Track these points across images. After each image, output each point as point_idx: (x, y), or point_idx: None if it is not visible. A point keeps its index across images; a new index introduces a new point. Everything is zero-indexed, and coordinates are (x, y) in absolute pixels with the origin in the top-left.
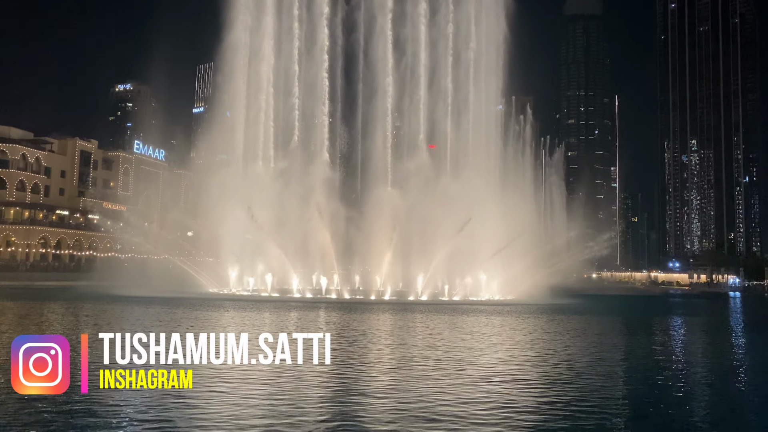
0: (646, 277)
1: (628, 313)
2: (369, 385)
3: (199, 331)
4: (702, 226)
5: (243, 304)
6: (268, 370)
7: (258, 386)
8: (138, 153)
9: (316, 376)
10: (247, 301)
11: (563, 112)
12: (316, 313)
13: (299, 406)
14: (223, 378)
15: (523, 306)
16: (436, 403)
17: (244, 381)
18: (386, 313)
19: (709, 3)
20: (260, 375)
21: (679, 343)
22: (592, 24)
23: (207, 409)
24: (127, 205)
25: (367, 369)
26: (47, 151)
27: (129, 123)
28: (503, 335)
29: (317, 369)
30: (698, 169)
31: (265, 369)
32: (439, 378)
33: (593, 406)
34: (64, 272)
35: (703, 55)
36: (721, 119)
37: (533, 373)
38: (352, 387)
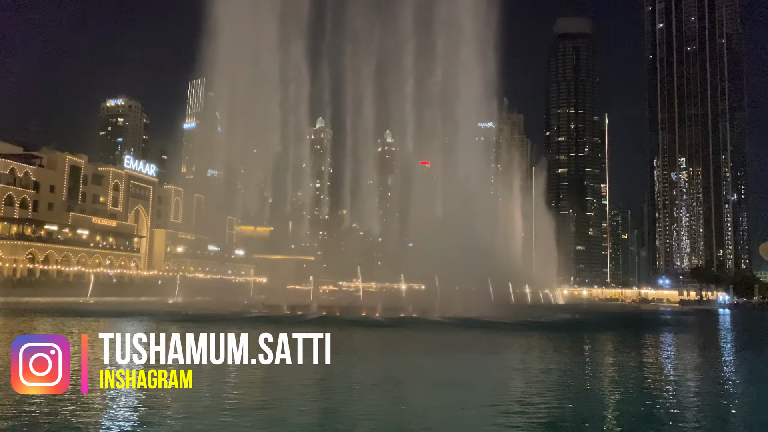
0: (636, 294)
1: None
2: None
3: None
4: (691, 243)
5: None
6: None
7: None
8: (128, 168)
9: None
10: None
11: (553, 130)
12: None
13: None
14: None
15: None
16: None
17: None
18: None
19: (696, 23)
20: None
21: (679, 365)
22: (582, 43)
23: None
24: (117, 220)
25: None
26: (37, 165)
27: (120, 138)
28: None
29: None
30: (687, 187)
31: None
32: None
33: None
34: (52, 288)
35: (691, 74)
36: (709, 137)
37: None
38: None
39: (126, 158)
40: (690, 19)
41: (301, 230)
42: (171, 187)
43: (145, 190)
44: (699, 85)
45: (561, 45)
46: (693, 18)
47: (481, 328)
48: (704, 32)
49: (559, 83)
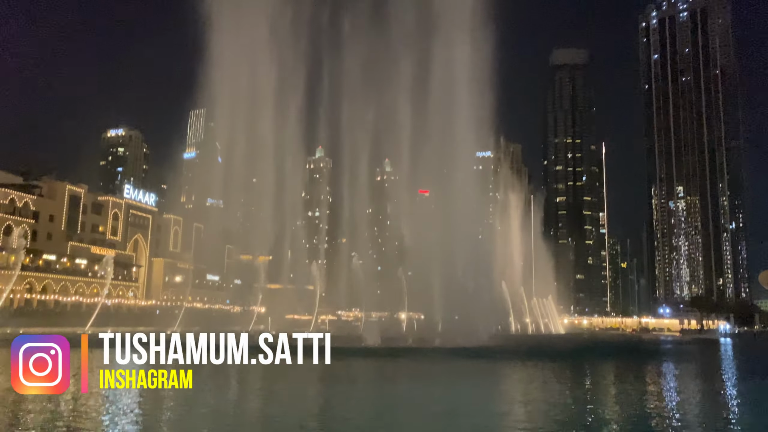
0: (636, 323)
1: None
2: None
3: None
4: (691, 271)
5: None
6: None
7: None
8: (128, 198)
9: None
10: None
11: (551, 159)
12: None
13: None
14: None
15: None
16: None
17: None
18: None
19: (690, 55)
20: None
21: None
22: (578, 73)
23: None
24: (116, 249)
25: None
26: (36, 195)
27: (120, 168)
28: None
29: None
30: (685, 215)
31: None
32: None
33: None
34: (50, 318)
35: (687, 104)
36: (706, 166)
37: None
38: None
39: (126, 187)
40: (684, 50)
41: (299, 259)
42: (170, 217)
43: (144, 220)
44: (695, 114)
45: (557, 75)
46: (687, 50)
47: (481, 357)
48: (698, 63)
49: (556, 113)
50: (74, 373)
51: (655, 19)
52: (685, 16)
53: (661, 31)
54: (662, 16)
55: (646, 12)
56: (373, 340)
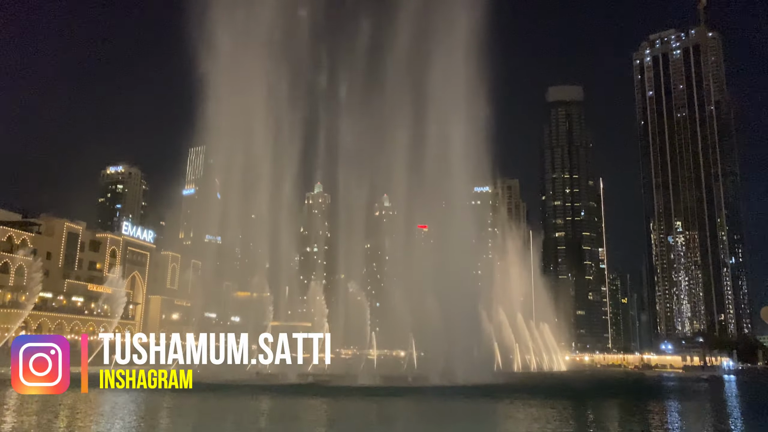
0: (638, 359)
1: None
2: None
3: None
4: (692, 307)
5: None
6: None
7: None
8: (126, 235)
9: None
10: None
11: (549, 194)
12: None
13: None
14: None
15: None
16: None
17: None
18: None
19: (684, 91)
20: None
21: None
22: (574, 110)
23: None
24: (113, 287)
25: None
26: (34, 232)
27: (119, 205)
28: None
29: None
30: (685, 250)
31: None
32: None
33: None
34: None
35: (683, 140)
36: (704, 201)
37: None
38: None
39: (124, 224)
40: (679, 87)
41: (298, 296)
42: (168, 253)
43: (142, 257)
44: (691, 150)
45: (553, 112)
46: (681, 86)
47: (483, 396)
48: (693, 99)
49: (553, 149)
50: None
51: (649, 57)
52: (678, 53)
53: (655, 68)
54: (656, 54)
55: (639, 50)
56: (370, 379)
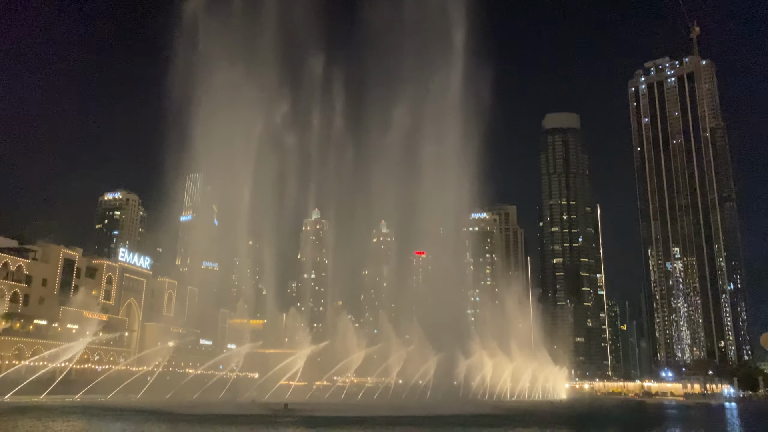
0: (639, 387)
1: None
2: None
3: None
4: (691, 333)
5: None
6: None
7: None
8: (123, 261)
9: None
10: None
11: (547, 221)
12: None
13: None
14: None
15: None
16: None
17: None
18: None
19: (680, 118)
20: None
21: None
22: (571, 137)
23: None
24: (108, 313)
25: None
26: (30, 259)
27: (116, 231)
28: None
29: None
30: (683, 277)
31: None
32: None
33: None
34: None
35: (679, 166)
36: (701, 227)
37: None
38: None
39: (121, 251)
40: (673, 113)
41: (295, 322)
42: (165, 280)
43: (138, 283)
44: (687, 176)
45: (550, 139)
46: (676, 113)
47: (485, 426)
48: (688, 126)
49: (550, 175)
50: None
51: (644, 85)
52: (673, 81)
53: (650, 95)
54: (651, 81)
55: (634, 77)
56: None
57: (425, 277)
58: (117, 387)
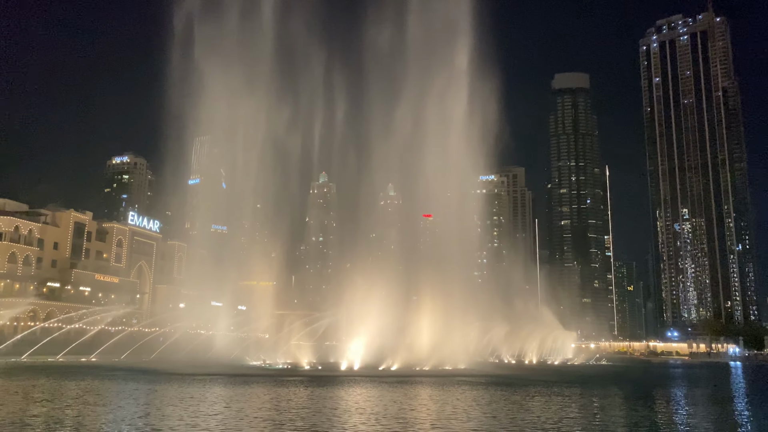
0: (644, 347)
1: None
2: None
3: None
4: (698, 294)
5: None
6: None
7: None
8: (132, 224)
9: None
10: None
11: (555, 182)
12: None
13: None
14: None
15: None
16: None
17: None
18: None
19: (691, 77)
20: None
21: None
22: (580, 97)
23: None
24: (120, 276)
25: None
26: (41, 223)
27: (124, 195)
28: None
29: None
30: (691, 238)
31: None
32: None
33: None
34: (54, 346)
35: (689, 127)
36: (711, 188)
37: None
38: None
39: (130, 214)
40: (685, 73)
41: (304, 285)
42: (174, 243)
43: (148, 246)
44: (697, 137)
45: (559, 99)
46: (688, 72)
47: (497, 384)
48: (700, 86)
49: (558, 136)
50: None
51: (656, 43)
52: (686, 39)
53: (662, 54)
54: (662, 40)
55: (646, 35)
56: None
57: (432, 239)
58: (130, 348)
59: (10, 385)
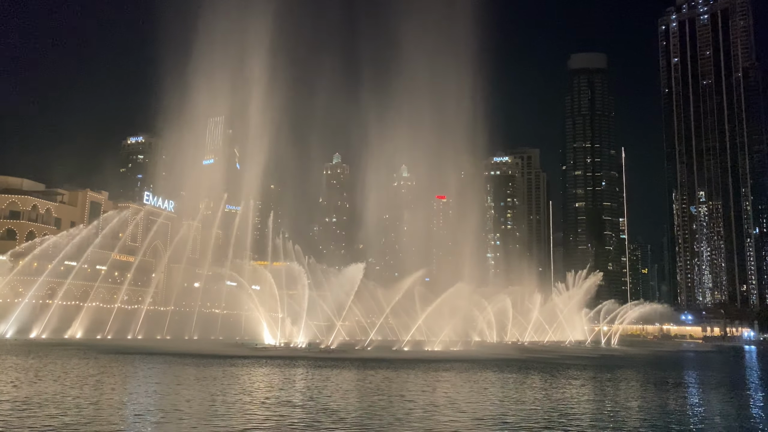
0: (658, 330)
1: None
2: None
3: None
4: (713, 278)
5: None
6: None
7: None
8: (147, 204)
9: None
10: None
11: (570, 164)
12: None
13: None
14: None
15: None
16: None
17: None
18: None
19: (711, 58)
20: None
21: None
22: (597, 77)
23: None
24: (135, 255)
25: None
26: (58, 202)
27: (140, 175)
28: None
29: None
30: (707, 221)
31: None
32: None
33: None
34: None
35: (708, 108)
36: (728, 171)
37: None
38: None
39: (145, 194)
40: (705, 53)
41: (317, 265)
42: (189, 222)
43: (163, 226)
44: (716, 118)
45: (576, 80)
46: (708, 52)
47: (510, 368)
48: (720, 66)
49: (574, 118)
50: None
51: (675, 22)
52: (706, 18)
53: (681, 34)
54: (682, 19)
55: (665, 15)
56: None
57: (446, 221)
58: (145, 326)
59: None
